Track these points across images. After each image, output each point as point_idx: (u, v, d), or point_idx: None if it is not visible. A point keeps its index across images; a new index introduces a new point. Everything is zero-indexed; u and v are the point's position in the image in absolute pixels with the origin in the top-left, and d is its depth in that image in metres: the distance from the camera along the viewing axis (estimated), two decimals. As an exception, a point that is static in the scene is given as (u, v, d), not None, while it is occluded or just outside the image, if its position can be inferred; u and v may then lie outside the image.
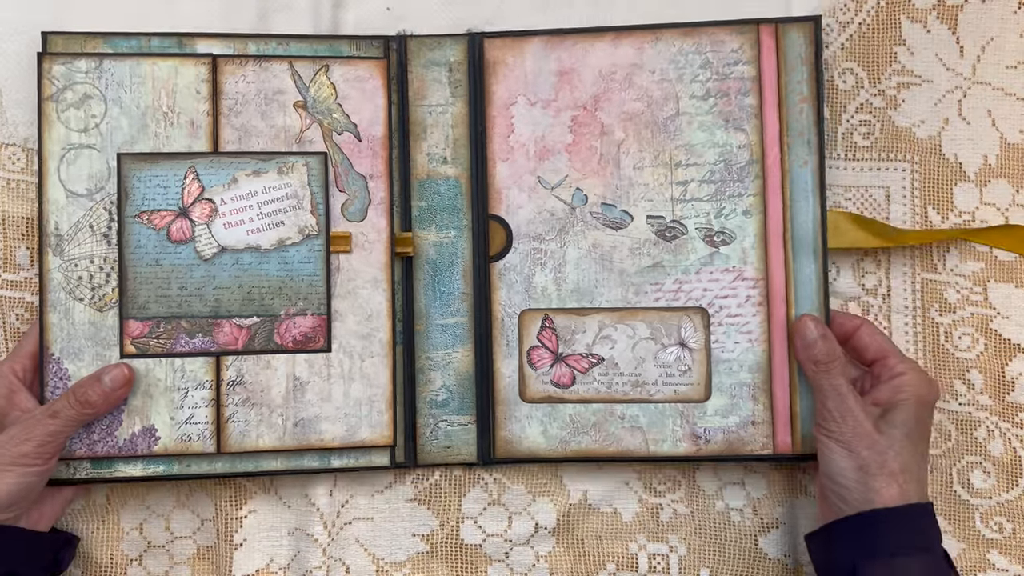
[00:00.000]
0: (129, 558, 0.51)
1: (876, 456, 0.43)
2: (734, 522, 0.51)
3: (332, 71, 0.49)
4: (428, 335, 0.50)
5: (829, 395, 0.44)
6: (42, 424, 0.44)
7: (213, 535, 0.51)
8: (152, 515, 0.51)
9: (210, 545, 0.51)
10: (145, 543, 0.51)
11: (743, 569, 0.51)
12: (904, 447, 0.43)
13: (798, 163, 0.49)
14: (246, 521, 0.52)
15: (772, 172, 0.49)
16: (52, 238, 0.48)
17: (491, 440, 0.49)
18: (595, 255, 0.50)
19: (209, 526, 0.51)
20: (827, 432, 0.44)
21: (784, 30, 0.49)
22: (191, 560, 0.51)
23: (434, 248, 0.50)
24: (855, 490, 0.43)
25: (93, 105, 0.48)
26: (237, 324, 0.49)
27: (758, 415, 0.49)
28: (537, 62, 0.50)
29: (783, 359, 0.49)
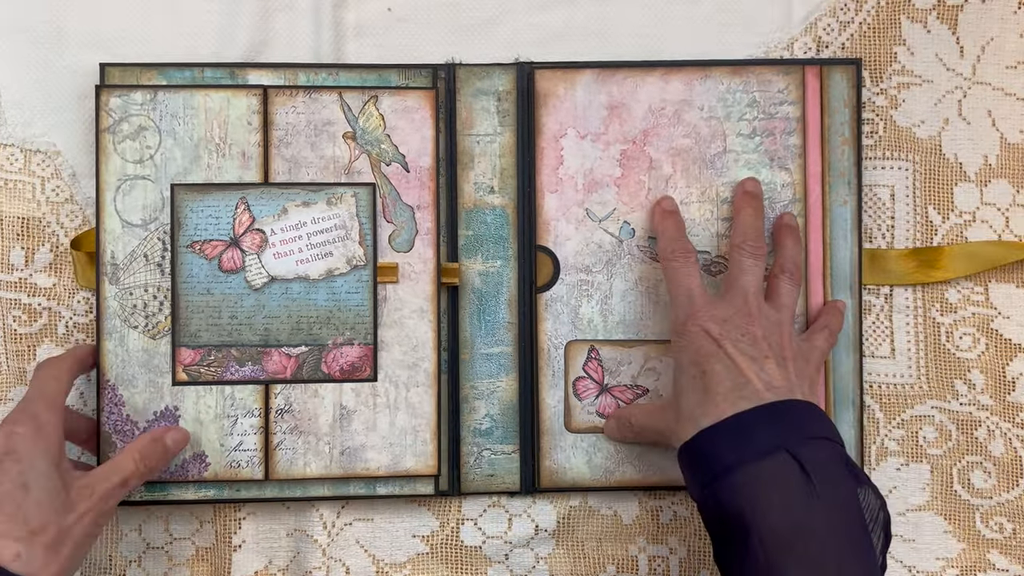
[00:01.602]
0: (128, 559, 0.60)
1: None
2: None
3: (381, 101, 0.55)
4: (473, 364, 0.55)
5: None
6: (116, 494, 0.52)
7: (212, 536, 0.59)
8: (151, 516, 0.60)
9: (209, 546, 0.59)
10: (144, 544, 0.60)
11: None
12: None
13: (838, 202, 0.57)
14: (245, 522, 0.60)
15: (814, 211, 0.56)
16: (108, 267, 0.55)
17: (535, 469, 0.55)
18: (641, 288, 0.56)
19: (208, 527, 0.59)
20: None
21: (828, 72, 0.58)
22: (190, 561, 0.59)
23: (480, 277, 0.56)
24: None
25: (148, 137, 0.54)
26: (286, 353, 0.55)
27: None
28: (588, 95, 0.56)
29: (820, 392, 0.58)
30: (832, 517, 0.46)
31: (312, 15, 0.60)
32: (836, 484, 0.47)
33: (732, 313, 0.52)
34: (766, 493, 0.46)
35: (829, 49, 0.60)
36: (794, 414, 0.49)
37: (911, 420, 0.60)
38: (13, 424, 0.50)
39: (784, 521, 0.46)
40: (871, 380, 0.60)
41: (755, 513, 0.46)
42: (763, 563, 0.46)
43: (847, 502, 0.47)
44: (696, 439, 0.49)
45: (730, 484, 0.47)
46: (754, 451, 0.47)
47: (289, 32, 0.59)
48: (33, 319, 0.59)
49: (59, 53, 0.59)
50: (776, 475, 0.47)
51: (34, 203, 0.59)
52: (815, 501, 0.46)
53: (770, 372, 0.50)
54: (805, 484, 0.46)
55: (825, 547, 0.45)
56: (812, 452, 0.47)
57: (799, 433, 0.48)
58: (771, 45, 0.60)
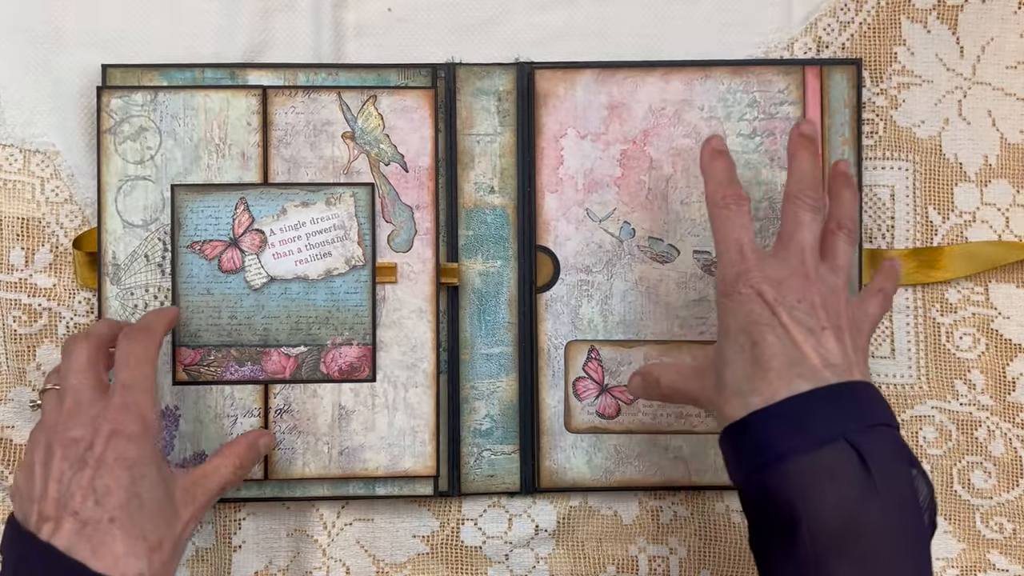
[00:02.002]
0: None
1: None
2: (735, 524, 0.60)
3: (380, 101, 0.56)
4: (473, 364, 0.56)
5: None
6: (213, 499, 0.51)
7: (212, 537, 0.60)
8: None
9: (209, 547, 0.60)
10: None
11: (744, 571, 0.59)
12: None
13: None
14: (245, 523, 0.60)
15: (816, 211, 0.56)
16: (110, 267, 0.55)
17: (535, 469, 0.56)
18: (642, 288, 0.56)
19: (208, 528, 0.60)
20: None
21: (828, 72, 0.59)
22: (190, 562, 0.60)
23: (480, 277, 0.56)
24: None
25: (148, 137, 0.55)
26: (285, 353, 0.55)
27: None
28: (588, 95, 0.56)
29: None
30: (890, 514, 0.43)
31: (312, 15, 0.60)
32: (896, 477, 0.44)
33: (788, 274, 0.47)
34: (820, 485, 0.43)
35: (829, 49, 0.60)
36: (854, 398, 0.45)
37: (911, 420, 0.60)
38: (119, 421, 0.47)
39: (838, 516, 0.43)
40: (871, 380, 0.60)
41: (807, 505, 0.43)
42: (811, 559, 0.43)
43: (906, 497, 0.44)
44: (746, 422, 0.45)
45: (781, 473, 0.44)
46: (810, 439, 0.44)
47: (289, 32, 0.60)
48: (33, 319, 0.59)
49: (59, 53, 0.59)
50: (833, 466, 0.43)
51: (33, 203, 0.59)
52: (873, 496, 0.43)
53: (828, 347, 0.46)
54: (864, 477, 0.43)
55: (881, 546, 0.43)
56: (872, 441, 0.44)
57: (859, 420, 0.44)
58: (771, 45, 0.61)
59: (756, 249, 0.49)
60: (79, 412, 0.48)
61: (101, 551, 0.44)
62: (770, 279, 0.47)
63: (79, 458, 0.46)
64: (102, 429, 0.47)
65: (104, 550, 0.44)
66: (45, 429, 0.48)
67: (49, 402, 0.50)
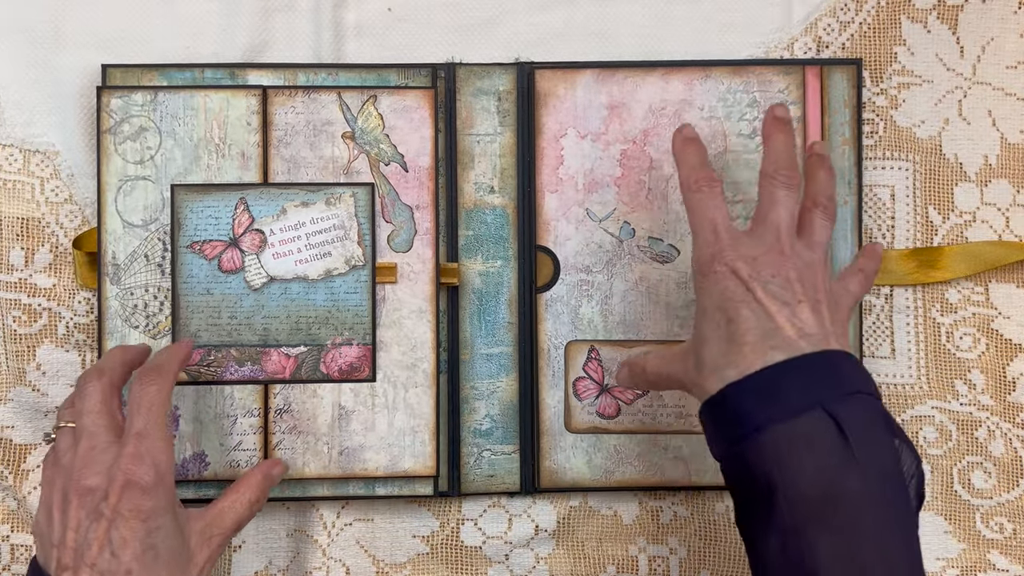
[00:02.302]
0: None
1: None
2: (735, 523, 0.59)
3: (380, 101, 0.56)
4: (473, 364, 0.56)
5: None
6: (229, 538, 0.51)
7: None
8: None
9: None
10: None
11: (744, 571, 0.61)
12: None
13: (839, 203, 0.59)
14: None
15: (815, 211, 0.56)
16: (110, 267, 0.56)
17: (535, 469, 0.56)
18: (642, 288, 0.57)
19: None
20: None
21: (828, 72, 0.59)
22: None
23: (480, 277, 0.57)
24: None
25: (148, 137, 0.55)
26: (285, 353, 0.55)
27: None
28: (588, 95, 0.57)
29: None
30: (870, 483, 0.43)
31: (312, 15, 0.61)
32: (875, 445, 0.43)
33: (763, 251, 0.47)
34: (797, 454, 0.43)
35: (829, 49, 0.61)
36: (830, 366, 0.45)
37: (911, 420, 0.61)
38: (132, 472, 0.46)
39: (816, 486, 0.42)
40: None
41: (784, 475, 0.43)
42: (790, 529, 0.42)
43: (887, 466, 0.44)
44: (722, 395, 0.45)
45: (758, 444, 0.44)
46: (786, 409, 0.44)
47: (289, 32, 0.60)
48: (33, 320, 0.59)
49: (59, 53, 0.60)
50: (809, 434, 0.43)
51: (33, 203, 0.60)
52: (852, 464, 0.42)
53: (803, 317, 0.46)
54: (842, 445, 0.42)
55: (861, 516, 0.42)
56: (850, 410, 0.44)
57: (836, 388, 0.44)
58: (771, 45, 0.61)
59: (730, 228, 0.49)
60: (93, 459, 0.48)
61: None
62: (744, 256, 0.47)
63: (94, 508, 0.46)
64: (116, 479, 0.47)
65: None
66: (61, 472, 0.49)
67: (64, 440, 0.50)
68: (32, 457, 0.59)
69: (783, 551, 0.43)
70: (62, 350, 0.59)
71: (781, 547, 0.43)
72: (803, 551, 0.42)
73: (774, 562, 0.43)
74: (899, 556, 0.42)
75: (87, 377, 0.50)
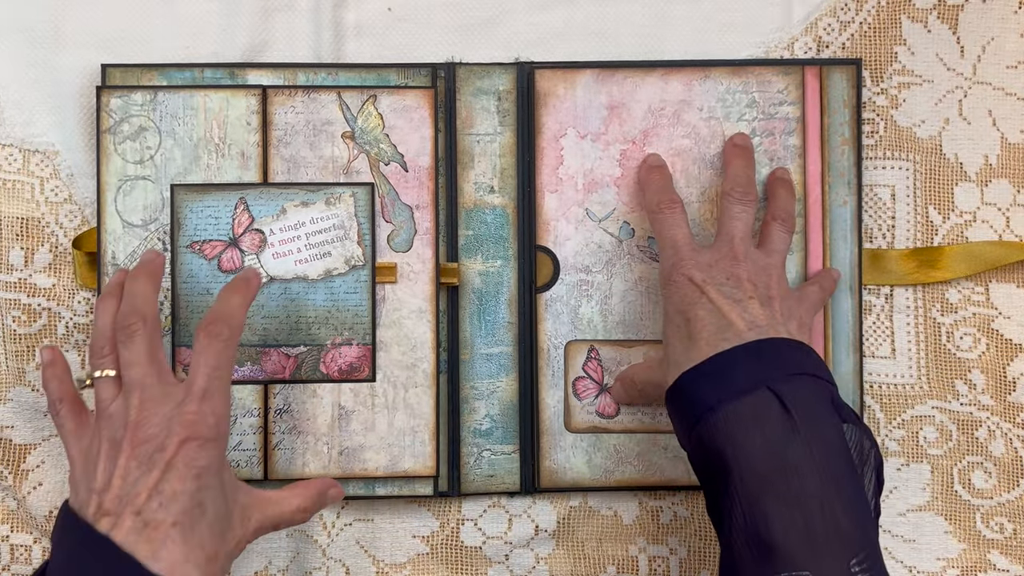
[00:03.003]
0: None
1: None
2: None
3: (380, 101, 0.56)
4: (473, 364, 0.57)
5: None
6: (265, 532, 0.51)
7: None
8: None
9: None
10: None
11: None
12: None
13: (838, 203, 0.58)
14: None
15: (814, 211, 0.57)
16: (110, 267, 0.57)
17: (535, 469, 0.57)
18: (641, 288, 0.57)
19: None
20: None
21: (828, 72, 0.59)
22: None
23: (480, 277, 0.57)
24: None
25: (148, 137, 0.56)
26: (285, 353, 0.56)
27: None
28: (588, 95, 0.57)
29: None
30: (815, 453, 0.46)
31: (312, 15, 0.61)
32: (819, 420, 0.47)
33: (717, 259, 0.53)
34: (746, 431, 0.47)
35: (829, 49, 0.61)
36: (775, 351, 0.50)
37: (911, 420, 0.61)
38: (193, 428, 0.46)
39: (764, 458, 0.46)
40: (871, 380, 0.61)
41: (736, 452, 0.47)
42: (745, 502, 0.46)
43: (831, 439, 0.47)
44: (678, 382, 0.50)
45: (712, 424, 0.48)
46: (733, 389, 0.48)
47: (289, 32, 0.61)
48: (33, 320, 0.60)
49: (59, 53, 0.60)
50: (756, 412, 0.47)
51: (33, 203, 0.60)
52: (796, 437, 0.46)
53: (753, 312, 0.51)
54: (786, 420, 0.47)
55: (806, 483, 0.45)
56: (794, 388, 0.48)
57: (780, 369, 0.49)
58: (771, 45, 0.61)
59: (690, 243, 0.54)
60: (150, 411, 0.47)
61: (160, 554, 0.44)
62: (700, 264, 0.53)
63: (148, 458, 0.46)
64: (175, 433, 0.47)
65: (163, 553, 0.44)
66: (109, 421, 0.48)
67: (106, 390, 0.49)
68: (32, 457, 0.59)
69: (744, 527, 0.46)
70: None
71: (742, 523, 0.46)
72: (759, 523, 0.45)
73: (738, 538, 0.46)
74: (851, 526, 0.45)
75: (130, 321, 0.49)
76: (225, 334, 0.49)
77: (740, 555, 0.46)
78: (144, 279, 0.51)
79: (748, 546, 0.45)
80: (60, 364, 0.52)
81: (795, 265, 0.59)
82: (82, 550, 0.45)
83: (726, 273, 0.52)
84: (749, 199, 0.55)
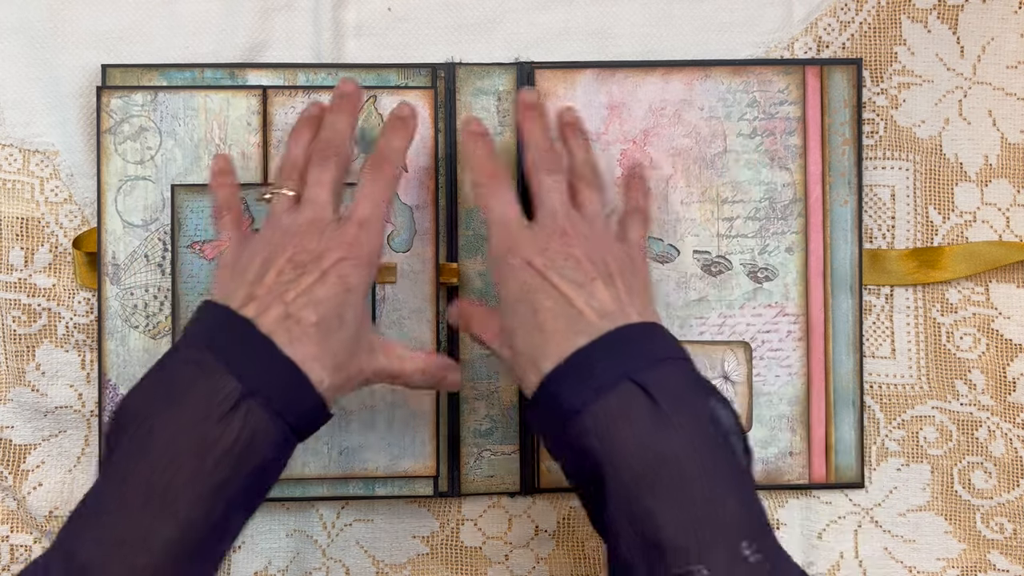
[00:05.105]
0: None
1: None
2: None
3: (380, 101, 0.57)
4: (473, 364, 0.58)
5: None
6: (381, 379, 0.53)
7: None
8: None
9: None
10: None
11: None
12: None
13: (839, 202, 0.60)
14: None
15: (814, 210, 0.58)
16: (110, 267, 0.57)
17: (535, 470, 0.57)
18: (641, 288, 0.58)
19: None
20: None
21: (828, 72, 0.60)
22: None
23: (480, 277, 0.58)
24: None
25: (148, 137, 0.57)
26: (285, 353, 0.56)
27: (795, 446, 0.58)
28: (588, 95, 0.58)
29: (820, 392, 0.61)
30: (690, 439, 0.45)
31: (312, 15, 0.62)
32: (687, 404, 0.46)
33: (549, 238, 0.51)
34: (616, 429, 0.45)
35: (829, 49, 0.62)
36: (630, 339, 0.48)
37: (911, 420, 0.62)
38: (350, 249, 0.49)
39: (638, 454, 0.45)
40: (871, 380, 0.62)
41: (609, 452, 0.45)
42: (625, 504, 0.44)
43: (702, 422, 0.46)
44: (540, 390, 0.48)
45: (580, 429, 0.46)
46: (597, 388, 0.46)
47: (289, 32, 0.61)
48: (33, 319, 0.61)
49: (59, 53, 0.61)
50: (623, 408, 0.45)
51: (33, 203, 0.61)
52: (667, 426, 0.45)
53: (599, 297, 0.49)
54: (654, 412, 0.45)
55: (684, 472, 0.44)
56: (658, 377, 0.46)
57: (640, 359, 0.47)
58: (771, 45, 0.62)
59: (522, 223, 0.52)
60: (316, 227, 0.50)
61: (296, 345, 0.47)
62: (537, 247, 0.51)
63: (304, 264, 0.49)
64: (332, 250, 0.49)
65: (299, 345, 0.47)
66: (278, 230, 0.51)
67: (282, 204, 0.52)
68: (32, 457, 0.60)
69: (629, 532, 0.44)
70: (61, 350, 0.60)
71: (627, 528, 0.44)
72: (644, 523, 0.44)
73: (627, 543, 0.44)
74: (737, 507, 0.44)
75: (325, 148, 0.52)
76: (388, 173, 0.53)
77: (631, 563, 0.44)
78: (346, 115, 0.54)
79: (637, 550, 0.44)
80: (230, 174, 0.56)
81: (795, 265, 0.61)
82: (219, 331, 0.47)
83: (563, 254, 0.50)
84: (558, 165, 0.54)
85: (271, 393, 0.45)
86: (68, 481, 0.60)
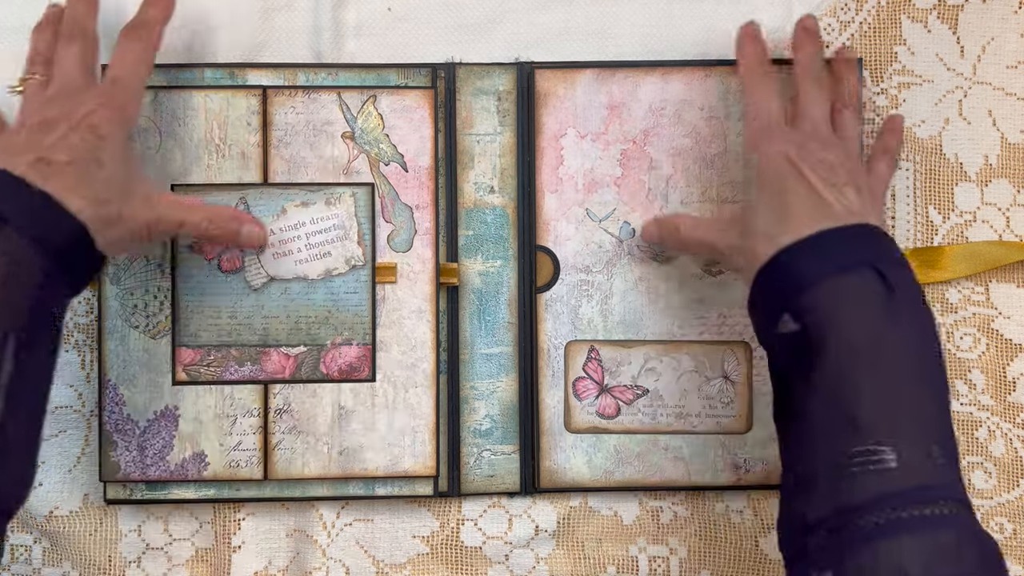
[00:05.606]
0: (127, 560, 0.62)
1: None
2: (734, 524, 0.62)
3: (380, 101, 0.57)
4: (472, 364, 0.58)
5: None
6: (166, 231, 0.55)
7: (211, 537, 0.62)
8: (150, 517, 0.62)
9: (208, 547, 0.62)
10: (143, 545, 0.62)
11: (744, 571, 0.61)
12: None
13: None
14: (244, 523, 0.62)
15: (816, 210, 0.58)
16: (110, 267, 0.57)
17: (535, 470, 0.58)
18: (641, 288, 0.58)
19: (207, 528, 0.62)
20: None
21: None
22: (189, 562, 0.62)
23: (480, 277, 0.58)
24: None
25: (148, 137, 0.57)
26: (285, 353, 0.57)
27: (798, 447, 0.58)
28: (588, 95, 0.58)
29: None
30: (916, 338, 0.48)
31: (312, 15, 0.62)
32: (918, 304, 0.49)
33: (806, 139, 0.53)
34: (847, 306, 0.47)
35: (829, 49, 0.62)
36: (878, 236, 0.50)
37: (912, 421, 0.62)
38: (100, 103, 0.52)
39: (862, 335, 0.47)
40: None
41: (834, 325, 0.47)
42: (837, 375, 0.46)
43: (927, 326, 0.49)
44: (777, 257, 0.50)
45: (812, 298, 0.48)
46: (838, 265, 0.48)
47: (289, 31, 0.61)
48: (33, 319, 0.61)
49: (58, 52, 0.61)
50: (860, 289, 0.48)
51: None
52: (899, 320, 0.47)
53: (850, 198, 0.51)
54: (888, 301, 0.47)
55: (902, 365, 0.47)
56: (896, 273, 0.48)
57: (883, 254, 0.49)
58: (771, 45, 0.62)
59: (783, 118, 0.55)
60: (66, 92, 0.53)
61: (50, 181, 0.48)
62: (793, 142, 0.53)
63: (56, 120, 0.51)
64: (85, 103, 0.52)
65: (53, 180, 0.48)
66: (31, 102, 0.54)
67: (32, 88, 0.54)
68: (32, 457, 0.61)
69: (825, 403, 0.47)
70: (62, 350, 0.61)
71: (824, 398, 0.47)
72: (847, 395, 0.46)
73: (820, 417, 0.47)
74: (935, 417, 0.47)
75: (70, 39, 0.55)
76: (144, 39, 0.55)
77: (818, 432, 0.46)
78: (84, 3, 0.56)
79: (829, 421, 0.46)
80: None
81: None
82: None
83: (818, 156, 0.52)
84: (826, 85, 0.57)
85: (23, 221, 0.47)
86: (68, 481, 0.61)
